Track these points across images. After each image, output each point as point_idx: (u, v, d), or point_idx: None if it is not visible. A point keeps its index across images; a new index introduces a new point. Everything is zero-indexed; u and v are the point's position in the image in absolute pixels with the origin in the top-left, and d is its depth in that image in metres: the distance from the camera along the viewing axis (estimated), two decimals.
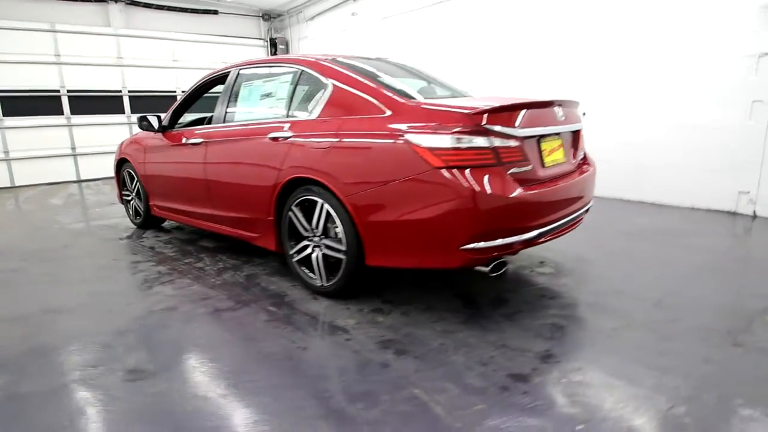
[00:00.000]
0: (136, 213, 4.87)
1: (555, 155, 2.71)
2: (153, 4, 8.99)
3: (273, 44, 10.57)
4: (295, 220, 2.95)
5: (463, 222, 2.29)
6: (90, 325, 2.61)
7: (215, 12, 9.73)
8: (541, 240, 2.54)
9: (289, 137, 2.89)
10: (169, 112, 4.19)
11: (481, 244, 2.31)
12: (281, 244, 3.14)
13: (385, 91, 2.64)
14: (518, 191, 2.37)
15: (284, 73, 3.19)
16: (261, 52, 10.61)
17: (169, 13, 9.27)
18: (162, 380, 2.04)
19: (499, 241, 2.34)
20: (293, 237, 3.04)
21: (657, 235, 4.11)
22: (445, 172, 2.27)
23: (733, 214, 4.65)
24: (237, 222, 3.45)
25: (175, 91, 9.45)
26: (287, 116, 3.06)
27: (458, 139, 2.28)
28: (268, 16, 10.50)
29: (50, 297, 3.03)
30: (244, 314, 2.70)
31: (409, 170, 2.37)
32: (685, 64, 4.77)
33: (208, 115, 4.55)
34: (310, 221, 2.87)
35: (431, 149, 2.30)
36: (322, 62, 2.96)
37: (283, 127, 2.97)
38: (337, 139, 2.64)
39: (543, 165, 2.60)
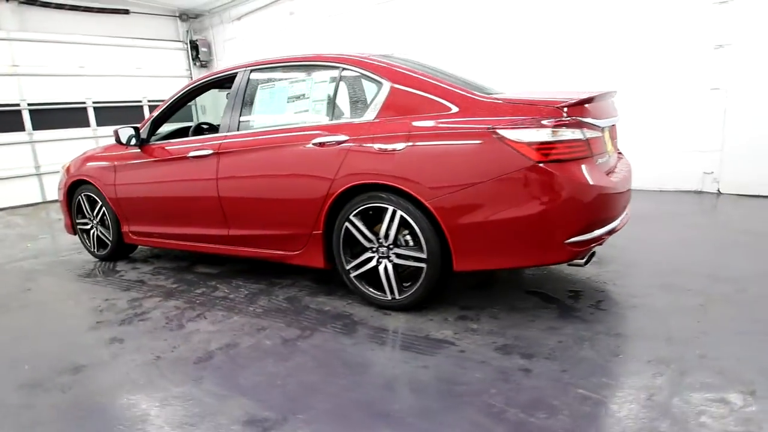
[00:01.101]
0: (100, 244, 4.26)
1: (609, 145, 2.87)
2: (51, 3, 7.93)
3: (194, 47, 9.88)
4: (355, 232, 2.78)
5: (570, 215, 2.33)
6: (165, 385, 2.23)
7: (126, 12, 8.85)
8: (618, 228, 2.67)
9: (344, 142, 2.73)
10: (147, 123, 3.73)
11: (584, 237, 2.37)
12: (329, 260, 2.95)
13: (450, 88, 2.60)
14: (610, 180, 2.48)
15: (317, 73, 3.00)
16: (180, 56, 9.87)
17: (72, 13, 8.25)
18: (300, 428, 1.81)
19: (597, 232, 2.42)
20: (350, 250, 2.87)
21: (651, 217, 4.51)
22: (547, 166, 2.30)
23: (700, 193, 5.28)
24: (266, 241, 3.16)
25: (84, 102, 8.42)
26: (331, 119, 2.89)
27: (555, 132, 2.31)
28: (185, 15, 9.79)
29: (73, 355, 2.54)
30: (322, 341, 2.49)
31: (505, 167, 2.35)
32: (650, 53, 5.30)
33: (187, 125, 4.18)
34: (373, 231, 2.73)
35: (530, 144, 2.31)
36: (373, 60, 2.83)
37: (331, 132, 2.79)
38: (413, 142, 2.53)
39: (609, 155, 2.75)
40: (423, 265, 2.61)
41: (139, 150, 3.75)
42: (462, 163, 2.44)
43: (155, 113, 3.75)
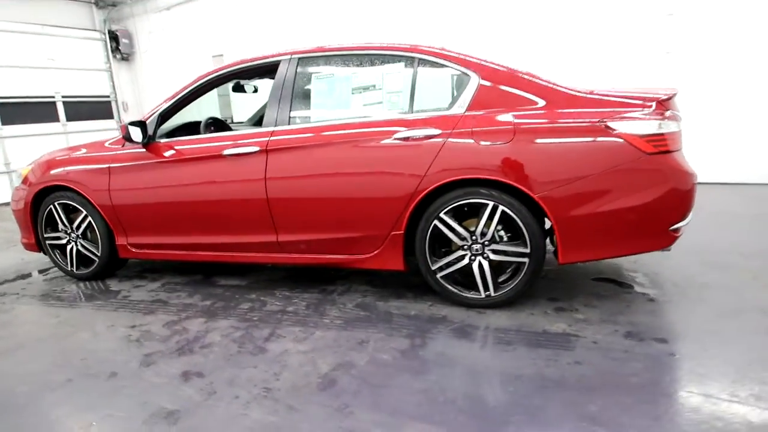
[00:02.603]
0: (82, 261, 3.41)
1: None
2: None
3: (114, 37, 8.52)
4: (445, 230, 2.51)
5: (675, 203, 2.33)
6: (310, 424, 1.76)
7: None
8: None
9: (435, 136, 2.44)
10: (152, 117, 3.05)
11: (682, 223, 2.39)
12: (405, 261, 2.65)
13: (541, 82, 2.46)
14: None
15: (390, 63, 2.66)
16: (98, 48, 8.45)
17: None
18: None
19: (688, 218, 2.46)
20: (437, 250, 2.60)
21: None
22: (657, 157, 2.27)
23: None
24: (329, 245, 2.75)
25: None
26: (411, 112, 2.58)
27: (661, 124, 2.29)
28: (102, 2, 8.39)
29: (154, 400, 1.92)
30: (443, 348, 2.19)
31: (617, 159, 2.27)
32: (609, 21, 5.66)
33: (194, 121, 3.53)
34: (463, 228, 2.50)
35: (641, 136, 2.26)
36: (458, 52, 2.57)
37: (416, 126, 2.49)
38: (520, 135, 2.34)
39: None
40: (525, 260, 2.45)
41: (143, 149, 3.06)
42: (572, 155, 2.32)
43: (163, 105, 3.08)
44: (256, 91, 4.06)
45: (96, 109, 8.44)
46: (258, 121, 4.15)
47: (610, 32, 5.65)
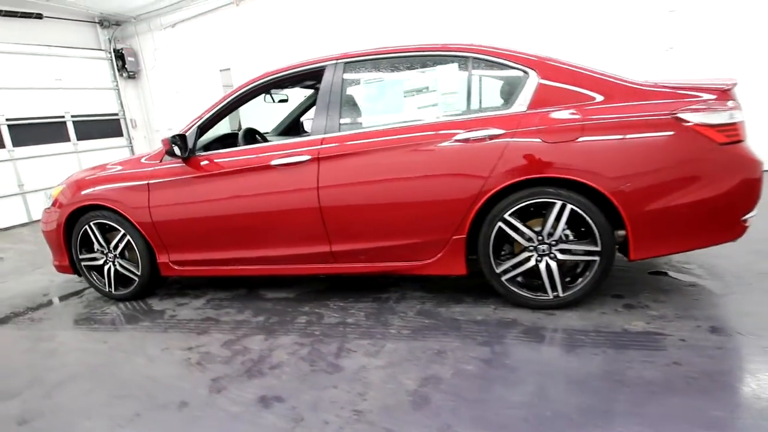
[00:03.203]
0: (120, 281, 3.17)
1: None
2: None
3: (119, 56, 8.21)
4: (511, 232, 2.33)
5: (747, 193, 2.17)
6: None
7: (39, 16, 6.97)
8: None
9: (498, 136, 2.26)
10: (191, 130, 2.82)
11: (752, 213, 2.24)
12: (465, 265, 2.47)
13: (600, 76, 2.29)
14: None
15: (443, 64, 2.47)
16: (104, 66, 8.13)
17: None
18: None
19: (756, 208, 2.31)
20: (501, 252, 2.42)
21: None
22: (729, 147, 2.11)
23: None
24: (386, 253, 2.55)
25: None
26: (469, 113, 2.39)
27: (732, 114, 2.14)
28: (106, 22, 8.07)
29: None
30: (528, 355, 2.01)
31: (689, 150, 2.12)
32: (611, 18, 5.52)
33: (228, 132, 3.30)
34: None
35: (713, 126, 2.10)
36: (511, 50, 2.39)
37: (477, 126, 2.30)
38: (589, 132, 2.17)
39: None
40: (595, 258, 2.28)
41: (183, 164, 2.83)
42: (642, 149, 2.15)
43: (202, 117, 2.85)
44: (286, 100, 3.84)
45: (105, 127, 8.12)
46: (285, 130, 3.95)
47: (612, 29, 5.52)
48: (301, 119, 4.07)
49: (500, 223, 2.33)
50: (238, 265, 2.85)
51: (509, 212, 2.30)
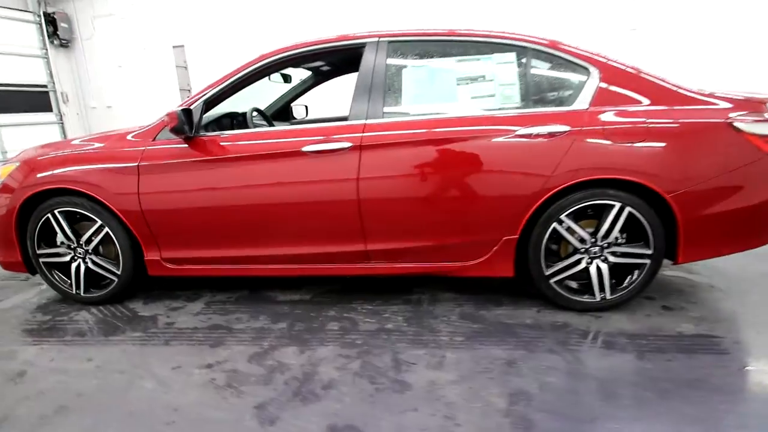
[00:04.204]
0: (92, 281, 2.49)
1: None
2: None
3: (50, 21, 6.82)
4: (565, 233, 2.12)
5: None
6: None
7: None
8: None
9: (564, 133, 2.03)
10: (196, 104, 2.25)
11: None
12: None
13: (658, 80, 2.15)
14: None
15: (500, 52, 2.16)
16: (31, 31, 6.70)
17: None
18: None
19: None
20: (553, 254, 2.20)
21: None
22: None
23: None
24: (429, 252, 2.22)
25: None
26: (528, 107, 2.13)
27: None
28: None
29: None
30: (602, 363, 1.80)
31: (742, 157, 2.03)
32: None
33: (228, 112, 2.74)
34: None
35: (762, 136, 2.05)
36: (571, 45, 2.15)
37: (540, 122, 2.05)
38: (652, 133, 2.01)
39: None
40: (646, 261, 2.15)
41: (184, 144, 2.26)
42: (701, 154, 2.04)
43: (208, 91, 2.29)
44: (289, 80, 3.32)
45: (31, 99, 6.71)
46: (278, 114, 3.43)
47: (576, 8, 5.39)
48: (291, 105, 3.59)
49: (555, 224, 2.12)
50: (251, 264, 2.35)
51: (566, 213, 2.10)
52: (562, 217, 2.10)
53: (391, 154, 2.11)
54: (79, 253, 2.46)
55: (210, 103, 2.34)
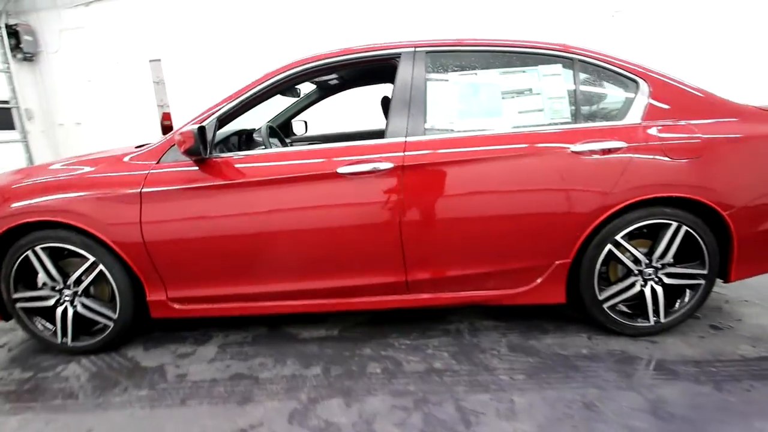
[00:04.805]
0: (81, 327, 2.05)
1: None
2: None
3: (13, 33, 6.12)
4: (620, 255, 1.92)
5: None
6: None
7: None
8: None
9: (621, 149, 1.83)
10: (208, 121, 1.89)
11: None
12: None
13: (703, 93, 2.00)
14: None
15: (545, 64, 1.94)
16: None
17: None
18: None
19: None
20: (602, 278, 1.99)
21: None
22: None
23: None
24: (474, 280, 1.95)
25: None
26: (577, 121, 1.91)
27: None
28: None
29: None
30: (684, 398, 1.58)
31: None
32: None
33: (237, 130, 2.41)
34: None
35: None
36: (618, 57, 1.97)
37: (597, 136, 1.85)
38: (711, 149, 1.85)
39: None
40: (700, 281, 1.98)
41: (194, 167, 1.90)
42: (759, 169, 1.90)
43: (223, 105, 1.94)
44: (297, 94, 2.99)
45: None
46: (278, 131, 3.10)
47: None
48: (292, 121, 3.27)
49: (610, 246, 1.92)
50: (276, 300, 2.00)
51: (621, 234, 1.90)
52: (618, 238, 1.90)
53: (436, 175, 1.84)
54: (67, 296, 2.02)
55: (224, 120, 1.99)
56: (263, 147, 2.42)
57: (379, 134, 1.95)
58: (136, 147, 2.28)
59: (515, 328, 2.16)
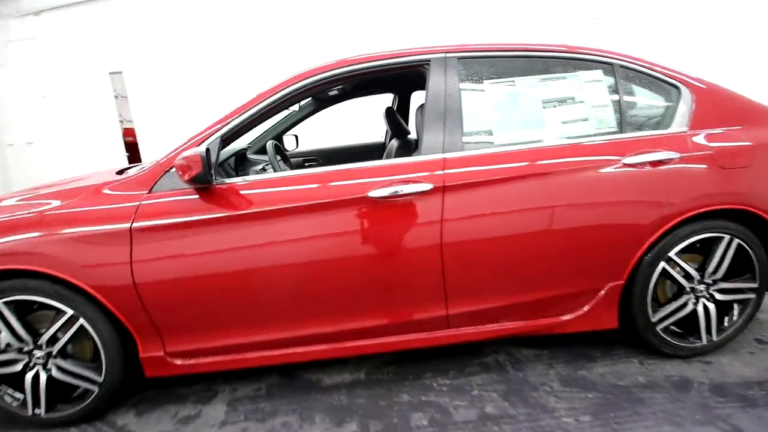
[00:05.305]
0: (57, 393, 1.66)
1: None
2: None
3: None
4: (675, 273, 1.77)
5: None
6: None
7: None
8: None
9: (673, 160, 1.68)
10: (210, 140, 1.59)
11: None
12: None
13: (744, 97, 1.91)
14: None
15: (585, 70, 1.77)
16: None
17: None
18: None
19: None
20: (660, 297, 1.83)
21: None
22: None
23: None
24: (520, 309, 1.74)
25: None
26: (623, 131, 1.75)
27: None
28: None
29: None
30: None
31: None
32: None
33: (238, 150, 2.11)
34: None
35: None
36: (659, 62, 1.83)
37: (648, 148, 1.69)
38: (758, 156, 1.74)
39: None
40: (751, 295, 1.86)
41: (195, 195, 1.59)
42: None
43: (229, 121, 1.64)
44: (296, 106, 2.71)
45: None
46: (263, 149, 2.80)
47: None
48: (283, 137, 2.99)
49: (663, 264, 1.76)
50: (299, 346, 1.70)
51: (676, 249, 1.75)
52: (671, 254, 1.76)
53: (480, 194, 1.63)
54: (38, 358, 1.64)
55: (227, 139, 1.69)
56: (262, 168, 2.14)
57: (379, 148, 1.73)
58: (118, 173, 1.94)
59: (559, 357, 1.97)
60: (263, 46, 5.54)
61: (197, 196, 1.60)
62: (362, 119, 4.01)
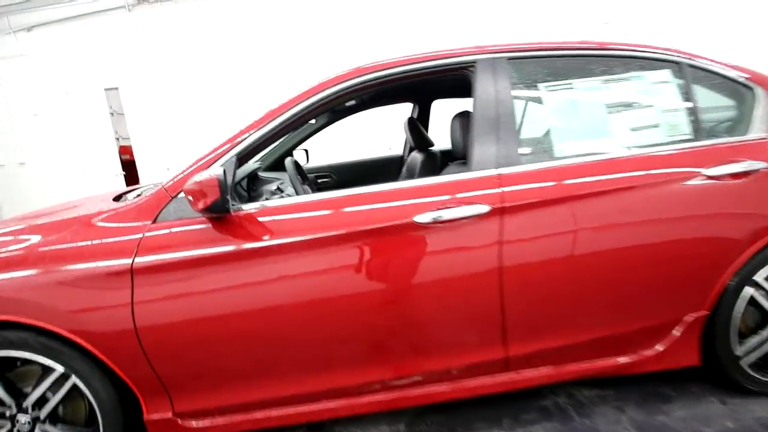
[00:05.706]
0: None
1: None
2: None
3: None
4: (762, 300, 1.53)
5: None
6: None
7: None
8: None
9: (760, 170, 1.45)
10: (224, 159, 1.35)
11: None
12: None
13: None
14: None
15: (650, 71, 1.55)
16: None
17: None
18: None
19: None
20: (741, 327, 1.58)
21: None
22: None
23: None
24: (583, 350, 1.49)
25: None
26: (698, 137, 1.52)
27: None
28: None
29: None
30: None
31: None
32: None
33: (253, 166, 1.86)
34: None
35: None
36: (725, 60, 1.62)
37: (730, 157, 1.46)
38: None
39: None
40: None
41: (207, 224, 1.34)
42: None
43: (247, 136, 1.39)
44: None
45: None
46: (275, 164, 2.55)
47: (548, 2, 5.02)
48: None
49: (751, 289, 1.52)
50: (334, 399, 1.42)
51: (766, 274, 1.51)
52: (759, 278, 1.52)
53: (545, 216, 1.38)
54: (23, 424, 1.36)
55: (244, 158, 1.45)
56: (277, 188, 1.88)
57: (397, 161, 1.50)
58: (114, 199, 1.68)
59: (628, 398, 1.70)
60: (261, 61, 5.36)
61: (210, 225, 1.35)
62: (363, 131, 3.84)
